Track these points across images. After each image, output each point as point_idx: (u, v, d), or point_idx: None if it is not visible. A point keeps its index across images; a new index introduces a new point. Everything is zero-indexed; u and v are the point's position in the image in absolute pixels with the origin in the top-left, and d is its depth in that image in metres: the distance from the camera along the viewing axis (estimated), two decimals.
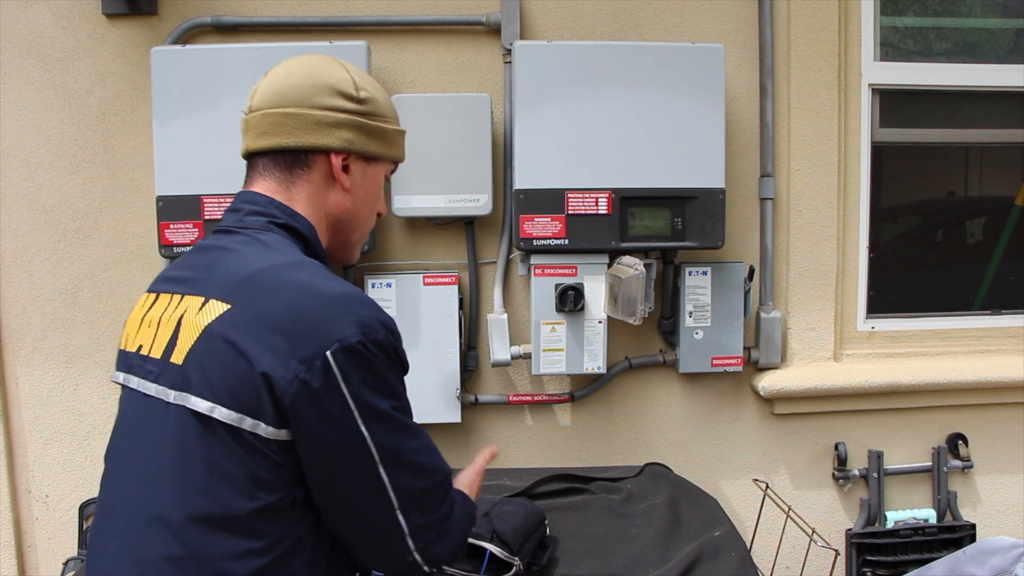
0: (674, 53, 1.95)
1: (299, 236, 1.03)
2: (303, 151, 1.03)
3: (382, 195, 1.14)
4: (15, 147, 2.05)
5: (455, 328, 2.05)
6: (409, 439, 0.97)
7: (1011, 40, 2.41)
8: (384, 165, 1.12)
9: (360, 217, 1.11)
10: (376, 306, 0.96)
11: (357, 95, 1.05)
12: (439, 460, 1.01)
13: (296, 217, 1.03)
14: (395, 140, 1.12)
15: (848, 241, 2.28)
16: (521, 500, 1.72)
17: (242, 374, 0.88)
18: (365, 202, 1.10)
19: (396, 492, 0.94)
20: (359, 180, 1.08)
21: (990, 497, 2.37)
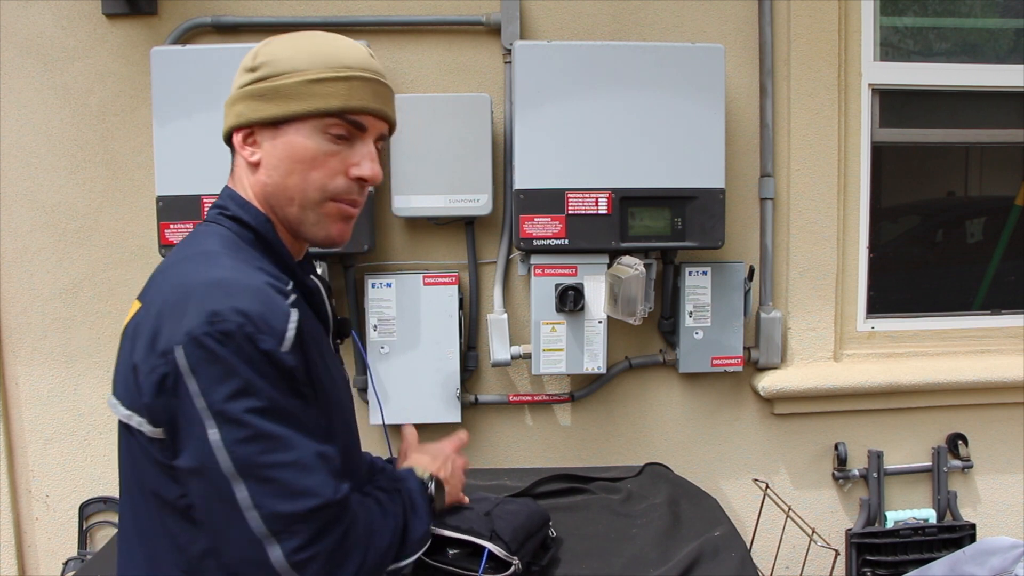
0: (674, 53, 1.95)
1: (249, 226, 0.98)
2: (226, 140, 1.03)
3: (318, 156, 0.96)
4: (15, 147, 2.05)
5: (455, 328, 2.05)
6: (272, 450, 0.82)
7: (1011, 40, 2.41)
8: (304, 124, 0.95)
9: (288, 188, 0.97)
10: (246, 294, 0.85)
11: (252, 64, 0.98)
12: (316, 481, 0.84)
13: (246, 207, 0.99)
14: (304, 92, 0.95)
15: (848, 241, 2.28)
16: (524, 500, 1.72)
17: (129, 374, 0.88)
18: (283, 171, 0.96)
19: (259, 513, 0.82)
20: (268, 151, 0.97)
21: (990, 497, 2.37)
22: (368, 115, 0.99)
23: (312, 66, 0.96)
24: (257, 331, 0.83)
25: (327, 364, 0.98)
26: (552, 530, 1.67)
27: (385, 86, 1.02)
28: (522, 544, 1.52)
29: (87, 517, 2.15)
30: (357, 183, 0.99)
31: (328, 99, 0.95)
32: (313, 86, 0.95)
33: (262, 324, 0.84)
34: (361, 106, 0.97)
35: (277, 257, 0.99)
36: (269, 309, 0.86)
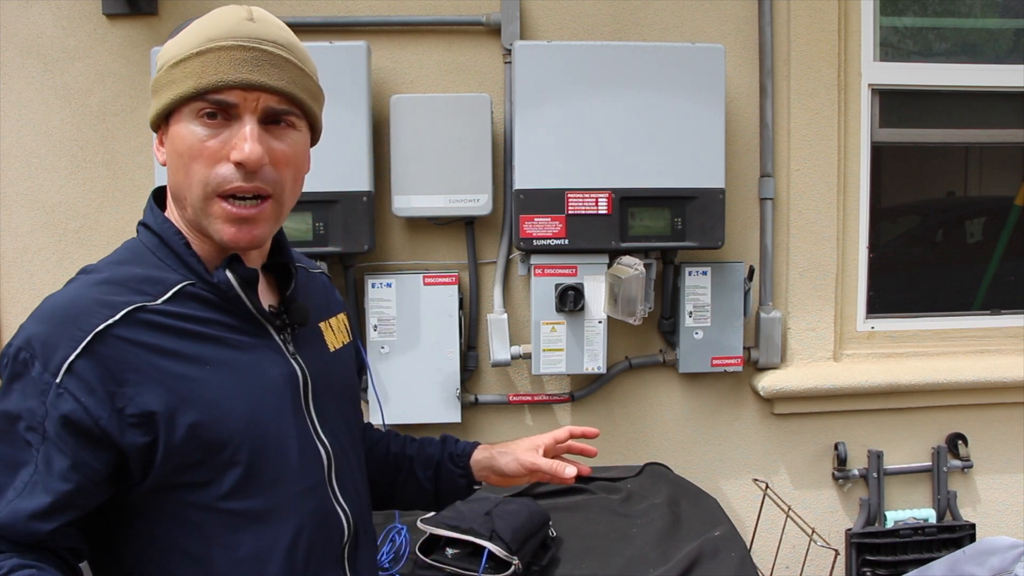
0: (674, 53, 1.95)
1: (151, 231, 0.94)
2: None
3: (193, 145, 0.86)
4: (15, 147, 2.05)
5: (455, 328, 2.05)
6: None
7: (1011, 40, 2.42)
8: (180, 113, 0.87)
9: (179, 186, 0.89)
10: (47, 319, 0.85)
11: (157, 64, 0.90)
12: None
13: (152, 211, 0.95)
14: (173, 78, 0.86)
15: (848, 241, 2.28)
16: (525, 500, 1.72)
17: None
18: (174, 168, 0.89)
19: None
20: (169, 148, 0.89)
21: (990, 497, 2.38)
22: (232, 89, 0.84)
23: (179, 49, 0.86)
24: (32, 356, 0.82)
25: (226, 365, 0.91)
26: (552, 530, 1.67)
27: (260, 51, 0.86)
28: (522, 544, 1.52)
29: None
30: (239, 170, 0.86)
31: (185, 81, 0.85)
32: (174, 71, 0.86)
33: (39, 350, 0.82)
34: (216, 80, 0.84)
35: (176, 256, 0.92)
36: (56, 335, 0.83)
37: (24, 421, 0.81)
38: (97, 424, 0.81)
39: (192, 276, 0.91)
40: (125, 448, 0.83)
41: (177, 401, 0.85)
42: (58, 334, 0.82)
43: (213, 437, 0.87)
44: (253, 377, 0.93)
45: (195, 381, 0.87)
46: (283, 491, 0.93)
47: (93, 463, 0.82)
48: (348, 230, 1.90)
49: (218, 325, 0.91)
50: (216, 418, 0.87)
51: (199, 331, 0.89)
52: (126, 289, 0.87)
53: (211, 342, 0.90)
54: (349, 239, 1.91)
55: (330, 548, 0.99)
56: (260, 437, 0.92)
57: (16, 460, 0.81)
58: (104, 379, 0.82)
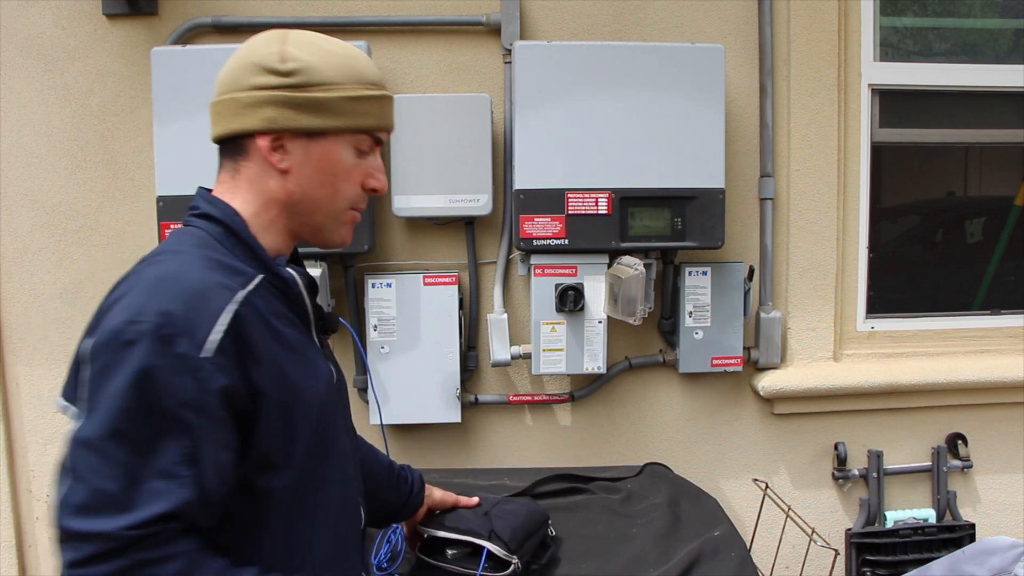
0: (674, 53, 1.95)
1: (217, 221, 0.98)
2: (235, 137, 0.99)
3: (355, 170, 1.01)
4: (15, 147, 2.05)
5: (455, 328, 2.05)
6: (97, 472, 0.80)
7: (1011, 40, 2.42)
8: (339, 138, 0.99)
9: (316, 199, 0.99)
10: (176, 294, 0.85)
11: (282, 67, 0.95)
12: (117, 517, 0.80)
13: (215, 203, 0.99)
14: (344, 108, 0.97)
15: (848, 241, 2.28)
16: (524, 500, 1.72)
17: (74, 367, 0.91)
18: (315, 182, 0.98)
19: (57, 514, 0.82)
20: (300, 159, 0.97)
21: (990, 497, 2.38)
22: (387, 132, 1.05)
23: (346, 80, 0.98)
24: (174, 333, 0.83)
25: (297, 356, 0.97)
26: (551, 529, 1.67)
27: (393, 99, 1.07)
28: (521, 543, 1.52)
29: None
30: (369, 193, 1.05)
31: (367, 118, 1.00)
32: (353, 104, 0.98)
33: (182, 326, 0.83)
34: (387, 124, 1.04)
35: (247, 249, 0.97)
36: (195, 311, 0.85)
37: (175, 398, 0.82)
38: (240, 397, 0.88)
39: (262, 269, 0.97)
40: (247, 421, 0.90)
41: (276, 385, 0.92)
42: (197, 311, 0.85)
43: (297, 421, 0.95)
44: (315, 371, 1.01)
45: (284, 370, 0.93)
46: (335, 479, 1.03)
47: (237, 435, 0.89)
48: None
49: (286, 319, 0.98)
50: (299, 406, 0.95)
51: (276, 323, 0.95)
52: (226, 273, 0.92)
53: (283, 334, 0.96)
54: None
55: (354, 535, 1.09)
56: (324, 427, 1.01)
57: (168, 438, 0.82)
58: (239, 356, 0.88)
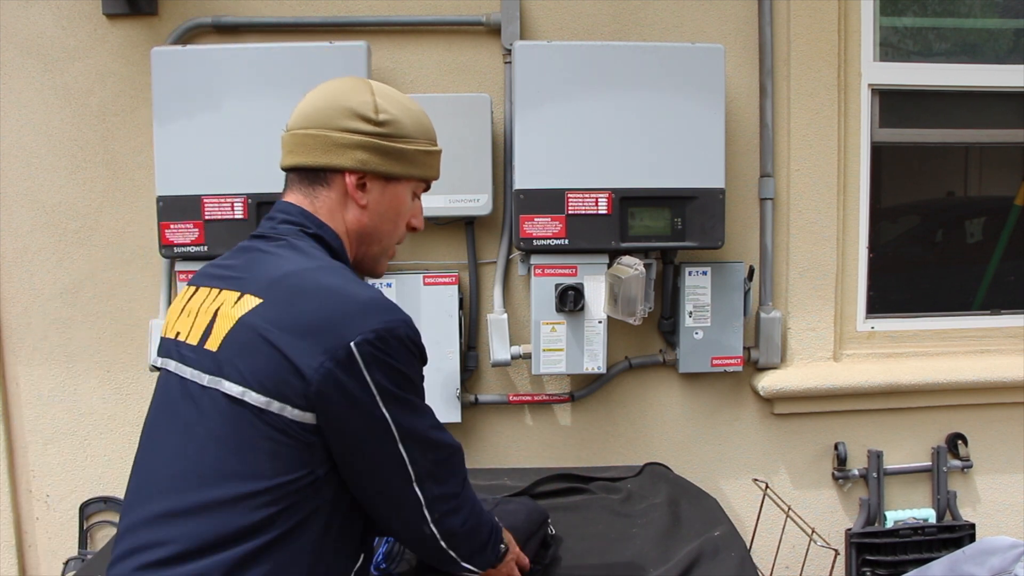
0: (674, 53, 1.95)
1: (326, 245, 1.12)
2: (322, 170, 1.12)
3: (409, 211, 1.20)
4: (15, 147, 2.05)
5: (455, 328, 2.05)
6: (422, 418, 1.08)
7: (1011, 40, 2.42)
8: (408, 183, 1.18)
9: (380, 232, 1.17)
10: (396, 308, 1.05)
11: (375, 117, 1.11)
12: (448, 436, 1.13)
13: (324, 228, 1.13)
14: (418, 160, 1.16)
15: (848, 241, 2.28)
16: (523, 500, 1.72)
17: (272, 363, 0.98)
18: (385, 218, 1.16)
19: (413, 465, 1.05)
20: (377, 198, 1.15)
21: (990, 497, 2.38)
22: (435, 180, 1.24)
23: (421, 136, 1.17)
24: (415, 334, 1.05)
25: None
26: (551, 528, 1.67)
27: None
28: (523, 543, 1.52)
29: (88, 517, 2.15)
30: (410, 231, 1.23)
31: (430, 169, 1.20)
32: (425, 157, 1.18)
33: (415, 329, 1.06)
34: (437, 175, 1.23)
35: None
36: (409, 319, 1.05)
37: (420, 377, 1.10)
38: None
39: None
40: None
41: None
42: (410, 319, 1.06)
43: None
44: None
45: None
46: None
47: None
48: None
49: None
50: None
51: None
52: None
53: None
54: None
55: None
56: None
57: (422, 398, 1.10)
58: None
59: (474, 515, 1.17)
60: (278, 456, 0.98)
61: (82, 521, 2.14)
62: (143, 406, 2.12)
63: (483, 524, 1.20)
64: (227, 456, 0.98)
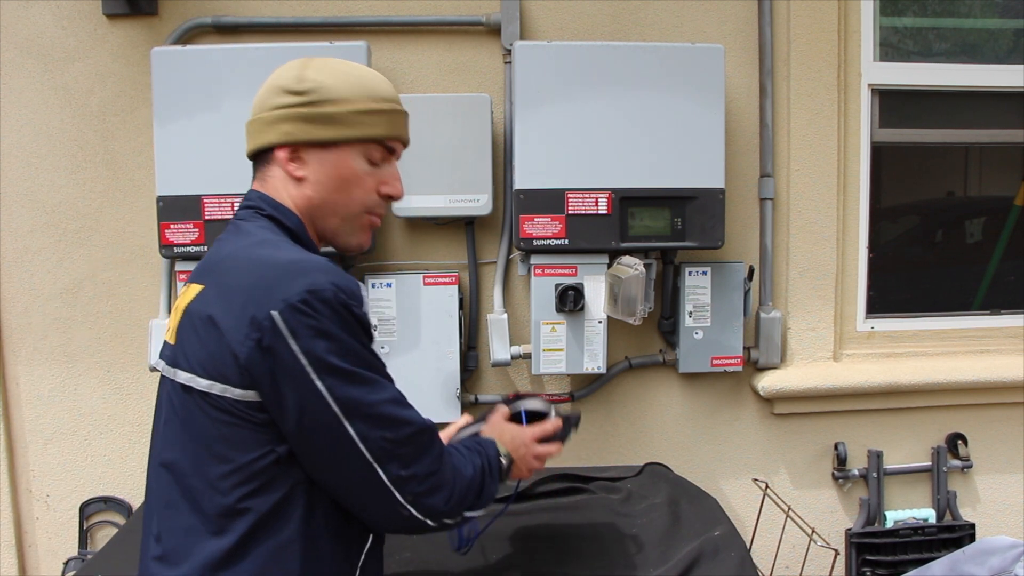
0: (674, 53, 1.95)
1: (282, 225, 1.10)
2: (262, 151, 1.12)
3: (361, 177, 1.11)
4: (15, 147, 2.05)
5: (455, 328, 2.05)
6: (371, 391, 1.00)
7: (1011, 40, 2.42)
8: (350, 148, 1.10)
9: (332, 203, 1.11)
10: (334, 271, 0.99)
11: (298, 87, 1.08)
12: (410, 413, 1.04)
13: (279, 208, 1.10)
14: (354, 120, 1.08)
15: (848, 241, 2.28)
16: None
17: (209, 345, 0.98)
18: (330, 188, 1.10)
19: (366, 444, 0.98)
20: (316, 168, 1.09)
21: (989, 497, 2.38)
22: (399, 142, 1.16)
23: (357, 96, 1.09)
24: (350, 298, 0.98)
25: None
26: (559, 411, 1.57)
27: (407, 114, 1.17)
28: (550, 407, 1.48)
29: (88, 517, 2.15)
30: (386, 200, 1.15)
31: (374, 128, 1.10)
32: (362, 116, 1.09)
33: (353, 293, 0.99)
34: (397, 135, 1.14)
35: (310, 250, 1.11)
36: (349, 280, 1.00)
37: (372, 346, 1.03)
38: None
39: None
40: None
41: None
42: (348, 281, 1.00)
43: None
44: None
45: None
46: None
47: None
48: None
49: None
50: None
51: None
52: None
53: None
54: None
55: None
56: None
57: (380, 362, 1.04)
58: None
59: (459, 487, 1.09)
60: (234, 438, 0.97)
61: (82, 521, 2.14)
62: (143, 406, 2.12)
63: (471, 485, 1.12)
64: (192, 444, 1.00)
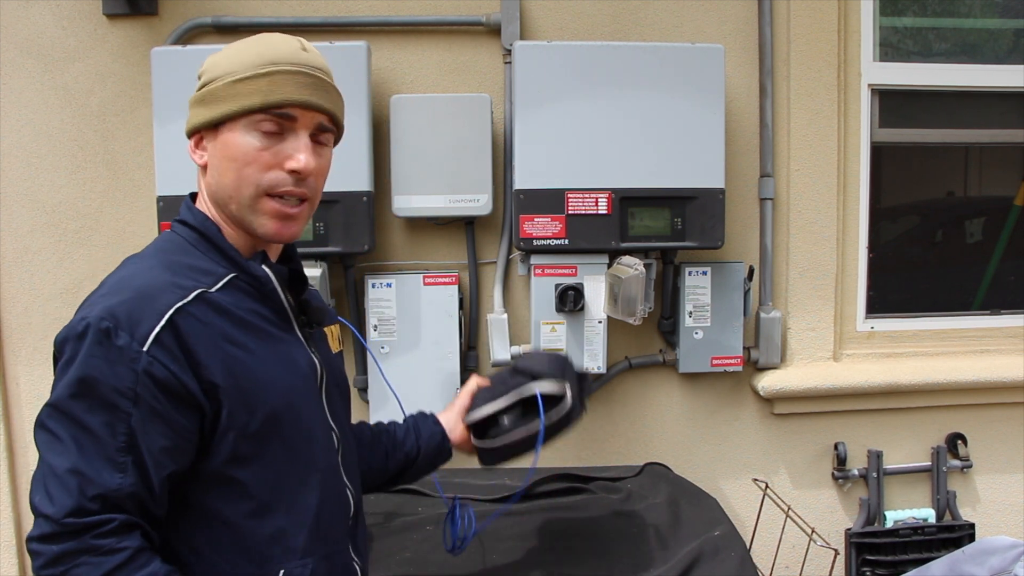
0: (674, 53, 1.95)
1: (191, 227, 1.04)
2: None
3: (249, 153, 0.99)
4: (15, 147, 2.05)
5: (455, 328, 2.05)
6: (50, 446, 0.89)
7: (1010, 40, 2.42)
8: (235, 124, 0.99)
9: (224, 186, 1.01)
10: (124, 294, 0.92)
11: (199, 73, 1.04)
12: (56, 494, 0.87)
13: (191, 209, 1.06)
14: (231, 93, 0.99)
15: (848, 241, 2.28)
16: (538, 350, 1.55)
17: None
18: (220, 170, 1.01)
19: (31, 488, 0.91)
20: (212, 151, 1.02)
21: (989, 497, 2.38)
22: (294, 107, 1.00)
23: (239, 67, 0.99)
24: (116, 327, 0.90)
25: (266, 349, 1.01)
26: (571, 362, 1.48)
27: (315, 77, 1.02)
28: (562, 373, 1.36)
29: None
30: (292, 175, 1.01)
31: (251, 96, 0.98)
32: (237, 86, 0.99)
33: (124, 322, 0.90)
34: (283, 99, 0.99)
35: (218, 251, 1.03)
36: (139, 308, 0.91)
37: (110, 385, 0.89)
38: (184, 387, 0.92)
39: (235, 269, 1.02)
40: (204, 410, 0.94)
41: (233, 379, 0.95)
42: (141, 307, 0.91)
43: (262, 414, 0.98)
44: (287, 364, 1.04)
45: (245, 363, 0.97)
46: (312, 468, 1.05)
47: (184, 422, 0.93)
48: (348, 230, 1.90)
49: (257, 315, 1.02)
50: (263, 398, 0.98)
51: (246, 319, 1.00)
52: (186, 275, 0.98)
53: (254, 330, 1.01)
54: (349, 239, 1.91)
55: (340, 524, 1.11)
56: (296, 418, 1.03)
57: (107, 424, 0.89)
58: (183, 349, 0.92)
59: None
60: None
61: None
62: None
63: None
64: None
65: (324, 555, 1.06)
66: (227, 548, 0.97)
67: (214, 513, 0.97)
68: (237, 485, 0.97)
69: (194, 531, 0.97)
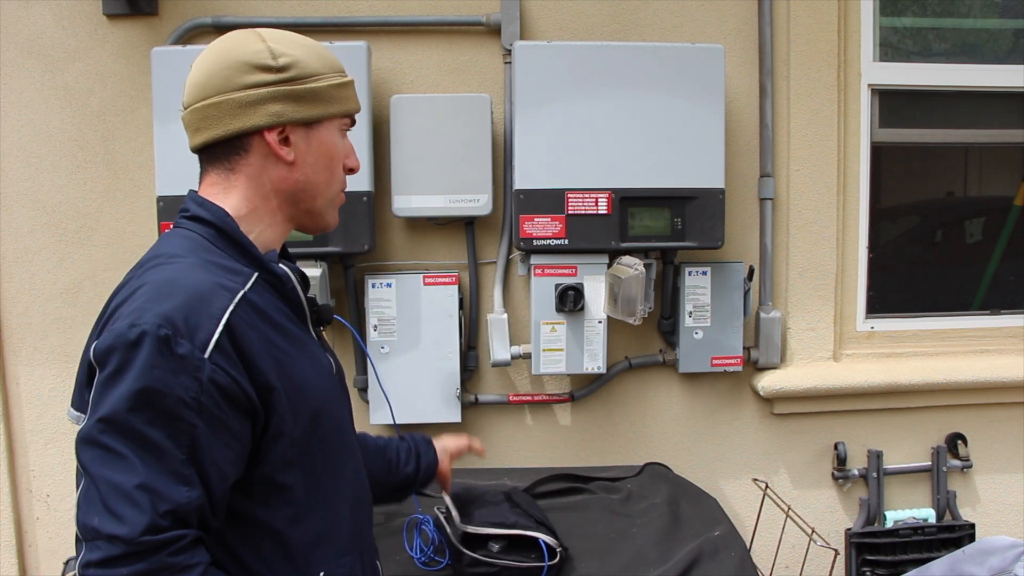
0: (674, 53, 1.95)
1: (208, 224, 0.99)
2: (236, 137, 1.00)
3: (341, 153, 1.07)
4: (16, 147, 2.05)
5: (455, 328, 2.05)
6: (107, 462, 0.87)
7: (1010, 40, 2.42)
8: (332, 123, 1.05)
9: (317, 184, 1.04)
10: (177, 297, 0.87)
11: (276, 63, 0.99)
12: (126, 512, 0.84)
13: (205, 205, 1.00)
14: (334, 95, 1.04)
15: (848, 241, 2.28)
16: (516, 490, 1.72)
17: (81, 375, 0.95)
18: (318, 168, 1.04)
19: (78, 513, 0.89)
20: (303, 148, 1.02)
21: (989, 497, 2.38)
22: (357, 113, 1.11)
23: (327, 70, 1.04)
24: (175, 334, 0.85)
25: (297, 349, 1.00)
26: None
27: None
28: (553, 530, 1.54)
29: None
30: (347, 173, 1.10)
31: (348, 102, 1.06)
32: (335, 90, 1.04)
33: (182, 328, 0.85)
34: (359, 107, 1.10)
35: (239, 248, 1.00)
36: (195, 313, 0.87)
37: (174, 396, 0.84)
38: (244, 393, 0.89)
39: (256, 268, 1.00)
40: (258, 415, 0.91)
41: (283, 379, 0.94)
42: (196, 312, 0.87)
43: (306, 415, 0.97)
44: (316, 364, 1.03)
45: (287, 365, 0.96)
46: (344, 468, 1.06)
47: (243, 429, 0.90)
48: (348, 230, 1.90)
49: (283, 314, 1.00)
50: (305, 399, 0.97)
51: (277, 320, 0.98)
52: (222, 275, 0.94)
53: (283, 330, 0.99)
54: (349, 239, 1.91)
55: (368, 521, 1.13)
56: (330, 419, 1.03)
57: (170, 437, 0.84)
58: (240, 354, 0.89)
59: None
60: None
61: None
62: None
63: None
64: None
65: (359, 552, 1.07)
66: (269, 555, 0.95)
67: (258, 522, 0.95)
68: (284, 491, 0.95)
69: (238, 542, 0.94)
